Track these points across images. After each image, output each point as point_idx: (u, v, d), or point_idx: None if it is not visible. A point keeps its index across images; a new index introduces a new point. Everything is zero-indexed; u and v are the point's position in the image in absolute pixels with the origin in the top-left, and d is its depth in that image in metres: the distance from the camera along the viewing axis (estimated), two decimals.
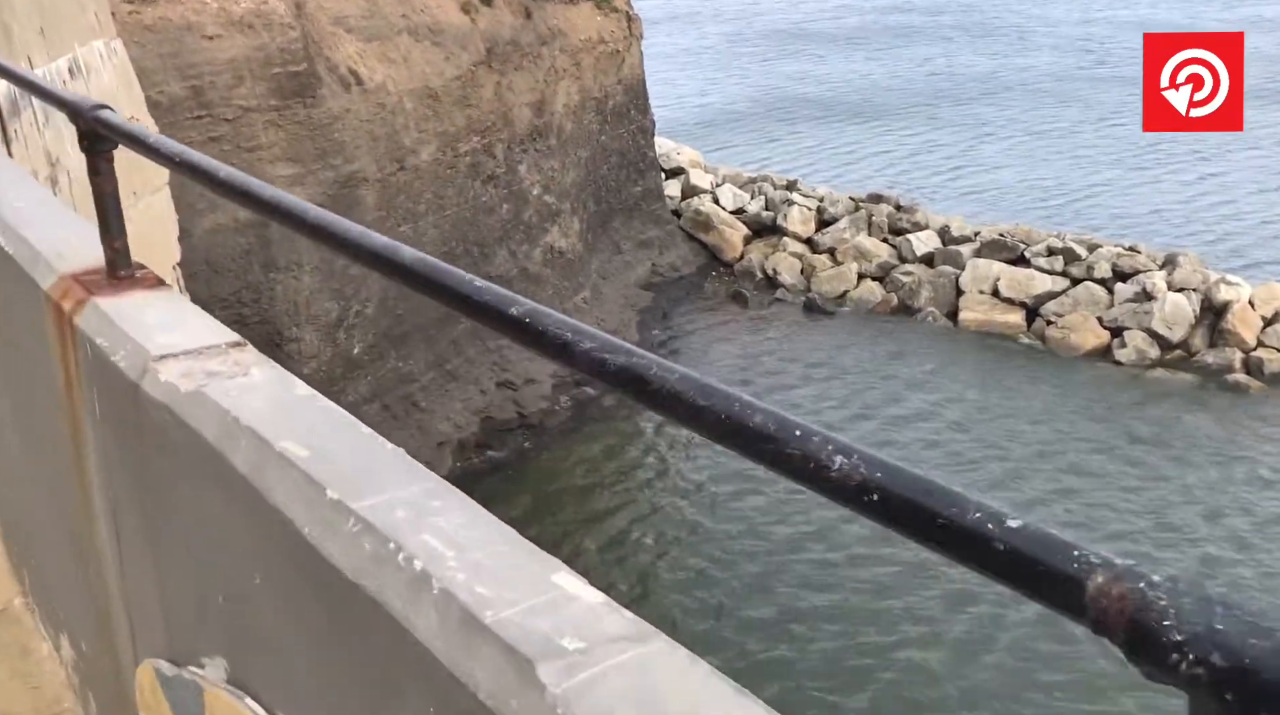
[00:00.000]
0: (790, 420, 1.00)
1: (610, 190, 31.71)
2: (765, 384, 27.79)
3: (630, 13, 32.10)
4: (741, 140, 49.04)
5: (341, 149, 21.03)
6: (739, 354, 29.58)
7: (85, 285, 2.37)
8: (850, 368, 28.71)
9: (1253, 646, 0.65)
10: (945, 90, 58.10)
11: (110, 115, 2.46)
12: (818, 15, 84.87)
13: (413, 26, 23.34)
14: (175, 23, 19.10)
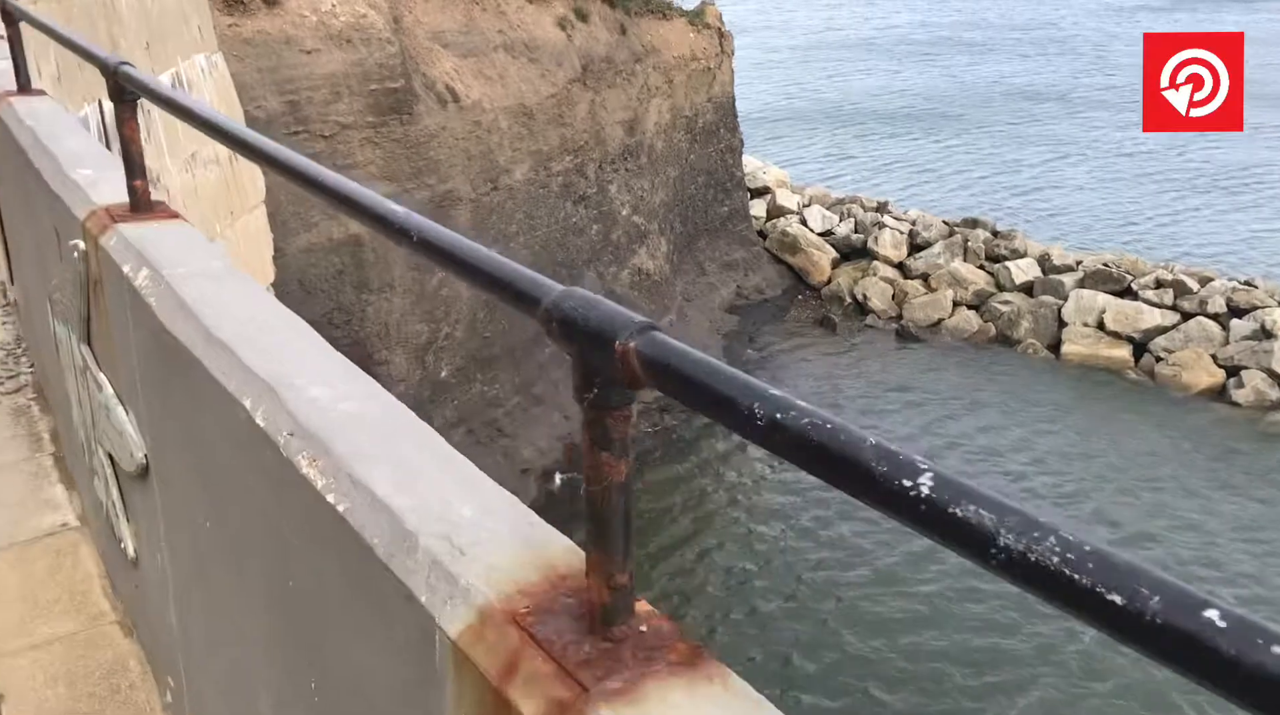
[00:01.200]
0: None
1: (697, 210, 30.97)
2: (854, 409, 26.81)
3: (722, 29, 31.37)
4: (813, 155, 48.17)
5: (437, 167, 20.52)
6: (827, 380, 28.60)
7: (112, 215, 2.74)
8: (944, 396, 27.61)
9: None
10: (1023, 108, 56.60)
11: (131, 70, 2.73)
12: (891, 30, 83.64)
13: (509, 43, 22.80)
14: (274, 36, 18.72)
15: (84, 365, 2.70)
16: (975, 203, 40.07)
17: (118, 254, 2.46)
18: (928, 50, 74.48)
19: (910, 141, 50.74)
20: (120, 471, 2.45)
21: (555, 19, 24.06)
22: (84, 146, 3.55)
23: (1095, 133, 50.09)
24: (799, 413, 0.95)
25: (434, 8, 21.69)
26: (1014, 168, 46.65)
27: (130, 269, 2.33)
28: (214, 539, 1.88)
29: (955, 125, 53.51)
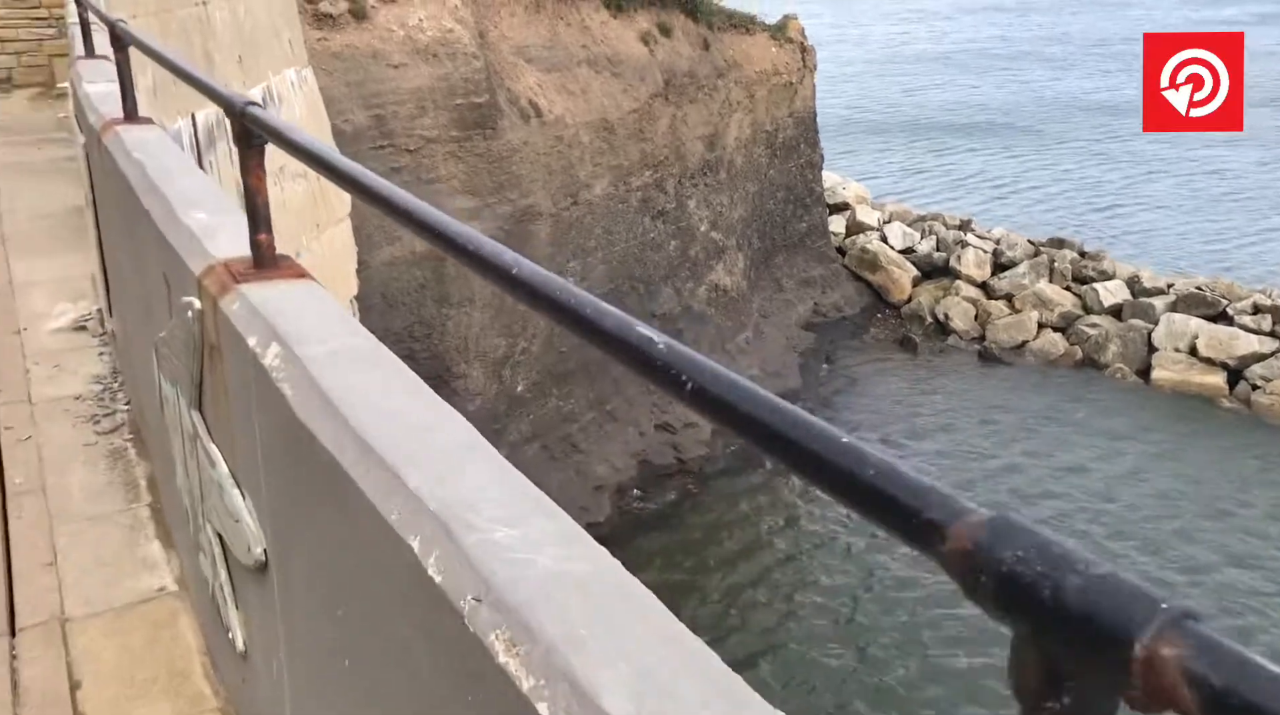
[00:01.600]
0: None
1: (775, 226, 30.59)
2: (933, 428, 26.23)
3: (804, 44, 30.99)
4: (888, 170, 47.46)
5: (518, 182, 20.46)
6: (907, 400, 27.97)
7: (233, 273, 2.48)
8: (1027, 419, 26.84)
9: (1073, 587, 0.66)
10: (1104, 124, 55.07)
11: (258, 112, 2.45)
12: (970, 44, 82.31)
13: (592, 58, 22.71)
14: (362, 50, 18.83)
15: (194, 432, 2.47)
16: (1055, 220, 39.14)
17: (241, 322, 2.20)
18: (1007, 64, 73.18)
19: (988, 157, 49.83)
20: (231, 557, 2.23)
21: (639, 34, 23.93)
22: (198, 187, 3.33)
23: (1178, 149, 48.57)
24: None
25: (519, 23, 21.68)
26: (1095, 185, 45.49)
27: (257, 342, 2.07)
28: (347, 669, 1.62)
29: (1035, 141, 52.40)
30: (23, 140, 8.23)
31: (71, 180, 6.41)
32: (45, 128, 8.74)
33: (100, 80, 5.43)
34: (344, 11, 18.73)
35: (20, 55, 9.75)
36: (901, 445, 25.51)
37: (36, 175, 7.14)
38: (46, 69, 9.93)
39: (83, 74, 5.82)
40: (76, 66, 6.25)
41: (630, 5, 23.91)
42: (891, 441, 25.69)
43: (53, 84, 9.88)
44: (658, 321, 24.71)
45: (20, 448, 3.72)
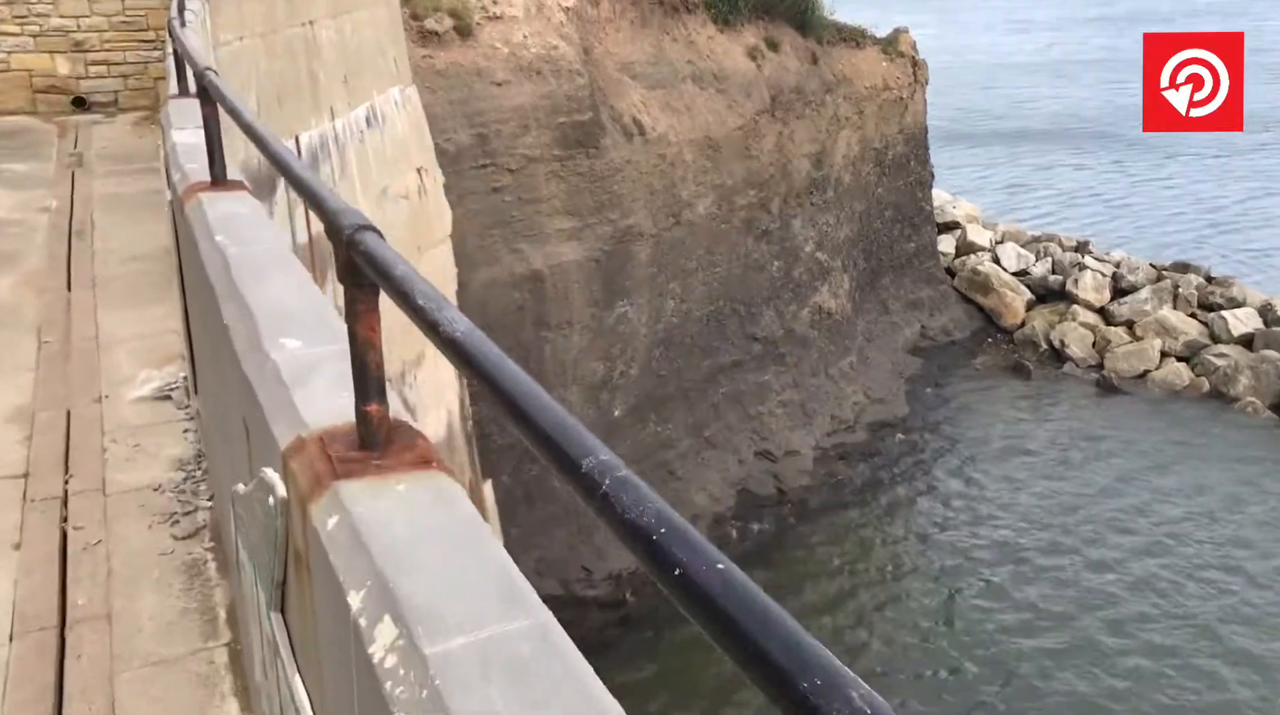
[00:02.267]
0: None
1: (882, 246, 29.57)
2: (1047, 458, 24.94)
3: (915, 58, 29.94)
4: (993, 185, 45.82)
5: (620, 202, 19.95)
6: (1019, 430, 26.66)
7: (333, 460, 1.82)
8: (1148, 453, 25.36)
9: None
10: (1223, 138, 52.27)
11: (372, 242, 1.83)
12: (1077, 55, 79.62)
13: (698, 74, 22.11)
14: (466, 68, 18.53)
15: (273, 641, 1.85)
16: (1168, 237, 37.29)
17: (338, 551, 1.57)
18: (1114, 74, 70.36)
19: (1098, 172, 47.74)
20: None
21: (746, 49, 23.26)
22: (294, 293, 2.71)
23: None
24: None
25: (624, 38, 21.20)
26: (1210, 202, 43.20)
27: (360, 605, 1.43)
28: None
29: (1149, 157, 49.94)
30: (123, 169, 7.93)
31: (167, 217, 6.09)
32: (146, 155, 8.41)
33: (190, 126, 4.88)
34: (449, 29, 18.46)
35: (127, 79, 9.55)
36: (1014, 478, 24.28)
37: (132, 209, 6.78)
38: (152, 92, 9.73)
39: (173, 118, 5.35)
40: (169, 107, 5.82)
41: (738, 19, 23.26)
42: (1004, 475, 24.48)
43: (158, 108, 9.64)
44: (758, 344, 23.97)
45: (88, 556, 3.24)
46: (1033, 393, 28.41)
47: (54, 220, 6.65)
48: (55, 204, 6.93)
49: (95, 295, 5.22)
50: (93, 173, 7.72)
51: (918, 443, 25.76)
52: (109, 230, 5.99)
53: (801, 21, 24.66)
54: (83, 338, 4.78)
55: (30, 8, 9.39)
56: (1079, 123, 57.06)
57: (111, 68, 9.65)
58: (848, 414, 25.47)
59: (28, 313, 5.26)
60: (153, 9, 9.48)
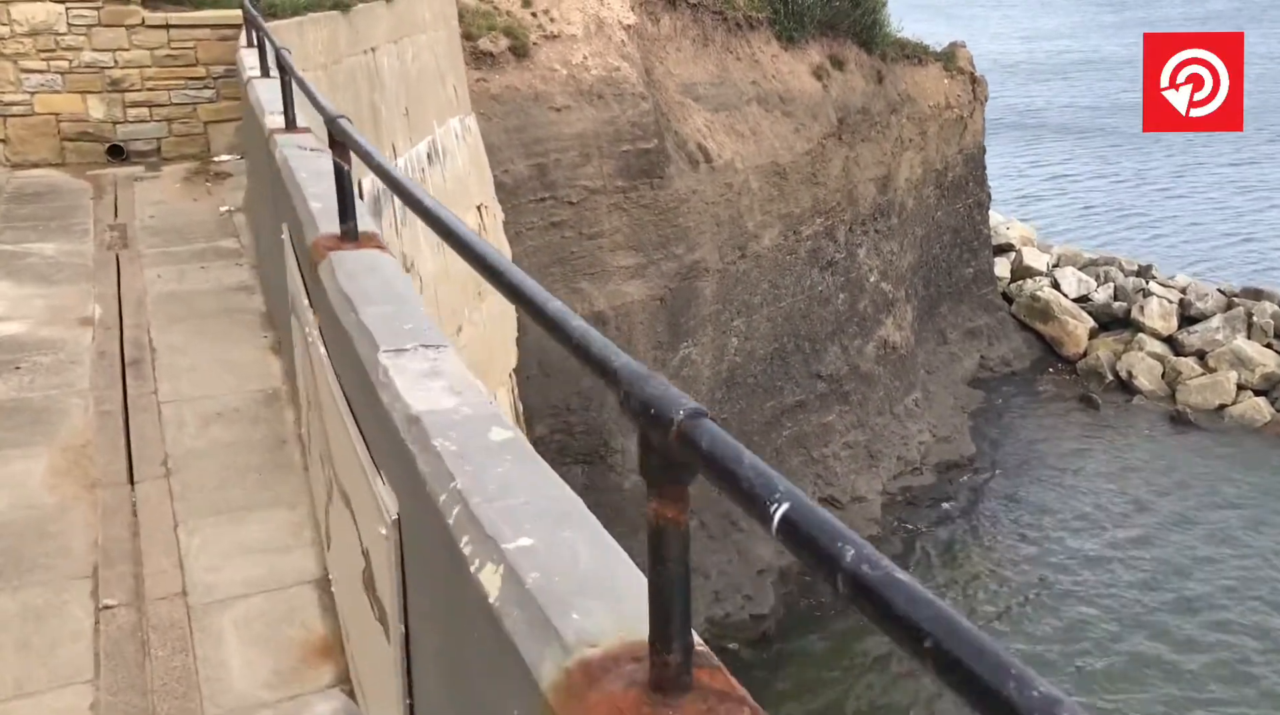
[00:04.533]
0: None
1: (940, 272, 28.01)
2: (1123, 502, 23.38)
3: (974, 74, 28.37)
4: (1050, 208, 44.15)
5: (685, 235, 18.42)
6: (1091, 469, 25.09)
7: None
8: (1227, 494, 23.80)
9: None
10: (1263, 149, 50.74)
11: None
12: (1089, 54, 77.92)
13: (762, 95, 20.58)
14: (523, 93, 17.01)
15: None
16: (1234, 260, 35.60)
17: None
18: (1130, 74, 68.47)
19: (1158, 194, 45.88)
20: None
21: (811, 68, 21.72)
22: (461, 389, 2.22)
23: None
24: None
25: (686, 58, 19.68)
26: (1264, 216, 41.57)
27: None
28: None
29: (1211, 177, 48.01)
30: (180, 252, 5.97)
31: (253, 333, 4.48)
32: (207, 227, 6.55)
33: (303, 149, 3.59)
34: (504, 49, 16.95)
35: (171, 123, 7.97)
36: (1089, 518, 22.69)
37: (203, 321, 4.98)
38: (202, 138, 8.18)
39: (296, 168, 3.93)
40: (278, 142, 4.39)
41: (802, 36, 21.72)
42: (1079, 518, 22.88)
43: (209, 157, 8.13)
44: (823, 382, 22.42)
45: None
46: (1102, 428, 26.81)
47: (99, 341, 4.78)
48: (99, 312, 5.11)
49: (171, 491, 3.57)
50: (141, 255, 5.94)
51: (987, 485, 24.17)
52: (175, 361, 4.35)
53: (867, 37, 23.12)
54: (161, 592, 3.13)
55: (59, 39, 7.78)
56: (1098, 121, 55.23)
57: (154, 110, 8.08)
58: (914, 455, 23.90)
59: (75, 538, 3.42)
60: (202, 40, 7.91)
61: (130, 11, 7.94)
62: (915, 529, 22.36)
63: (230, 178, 7.66)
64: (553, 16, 17.95)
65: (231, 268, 5.70)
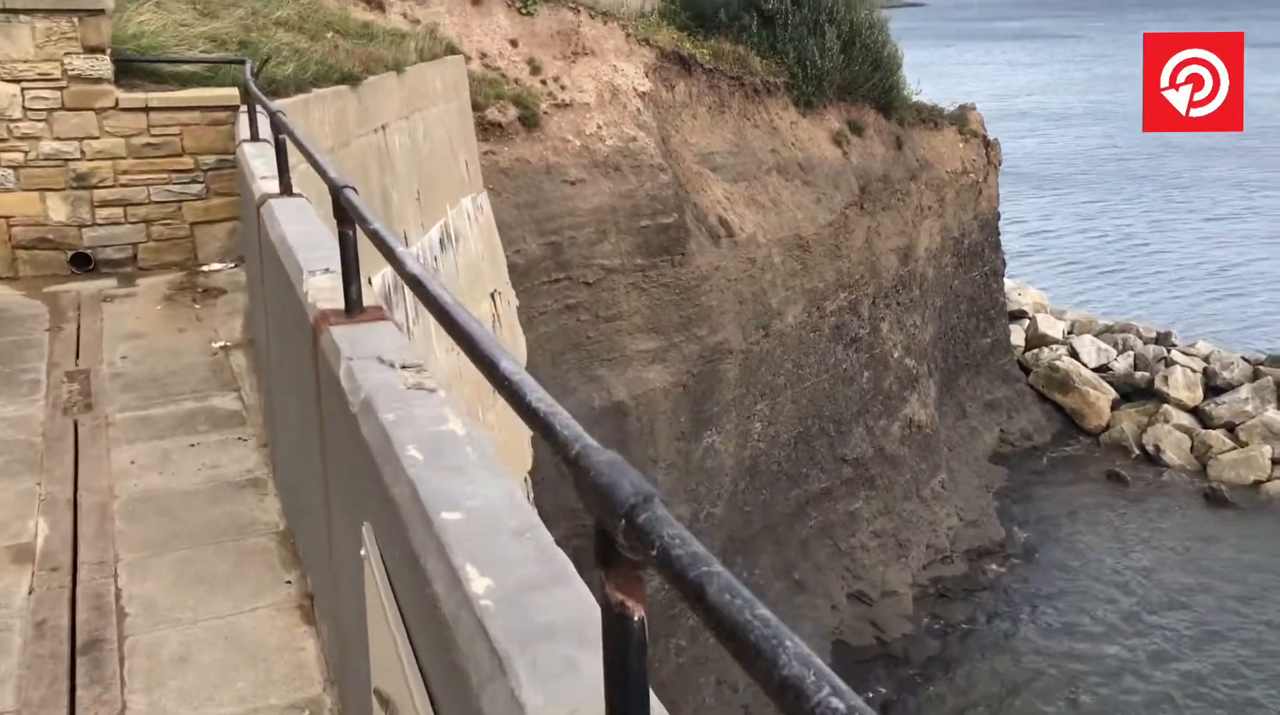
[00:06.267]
0: None
1: (957, 343, 26.73)
2: (1158, 589, 21.91)
3: (987, 137, 27.36)
4: (1056, 272, 43.21)
5: (708, 315, 17.01)
6: (1126, 551, 23.67)
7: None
8: (1268, 577, 22.34)
9: None
10: None
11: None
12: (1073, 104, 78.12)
13: (782, 163, 19.34)
14: (534, 165, 15.65)
15: None
16: (1221, 316, 34.67)
17: None
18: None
19: (1163, 257, 44.98)
20: None
21: (830, 134, 20.54)
22: None
23: None
24: None
25: (702, 126, 18.44)
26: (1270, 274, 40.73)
27: None
28: None
29: (1221, 237, 47.20)
30: (160, 418, 4.42)
31: (271, 574, 2.97)
32: (195, 373, 4.98)
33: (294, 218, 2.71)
34: (513, 119, 15.62)
35: (150, 225, 6.42)
36: (1131, 612, 21.20)
37: (197, 556, 3.40)
38: (187, 243, 6.64)
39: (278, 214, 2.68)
40: (271, 207, 3.06)
41: (820, 101, 20.56)
42: (1116, 604, 21.39)
43: (197, 266, 6.61)
44: (848, 467, 20.95)
45: None
46: (1134, 506, 25.42)
47: (38, 599, 3.11)
48: (44, 534, 3.46)
49: None
50: (109, 423, 4.41)
51: (1021, 574, 22.68)
52: (155, 642, 2.80)
53: (885, 101, 22.01)
54: None
55: (12, 127, 6.24)
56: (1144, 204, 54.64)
57: (130, 210, 6.56)
58: (943, 541, 22.40)
59: None
60: (189, 125, 6.43)
61: (101, 92, 6.47)
62: (950, 624, 20.78)
63: (224, 294, 6.14)
64: (563, 84, 16.67)
65: (232, 445, 4.18)
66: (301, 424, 2.87)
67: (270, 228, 3.38)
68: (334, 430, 2.26)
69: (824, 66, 20.12)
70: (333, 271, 2.93)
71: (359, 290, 2.60)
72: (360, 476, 1.90)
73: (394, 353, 2.25)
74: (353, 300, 2.59)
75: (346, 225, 2.89)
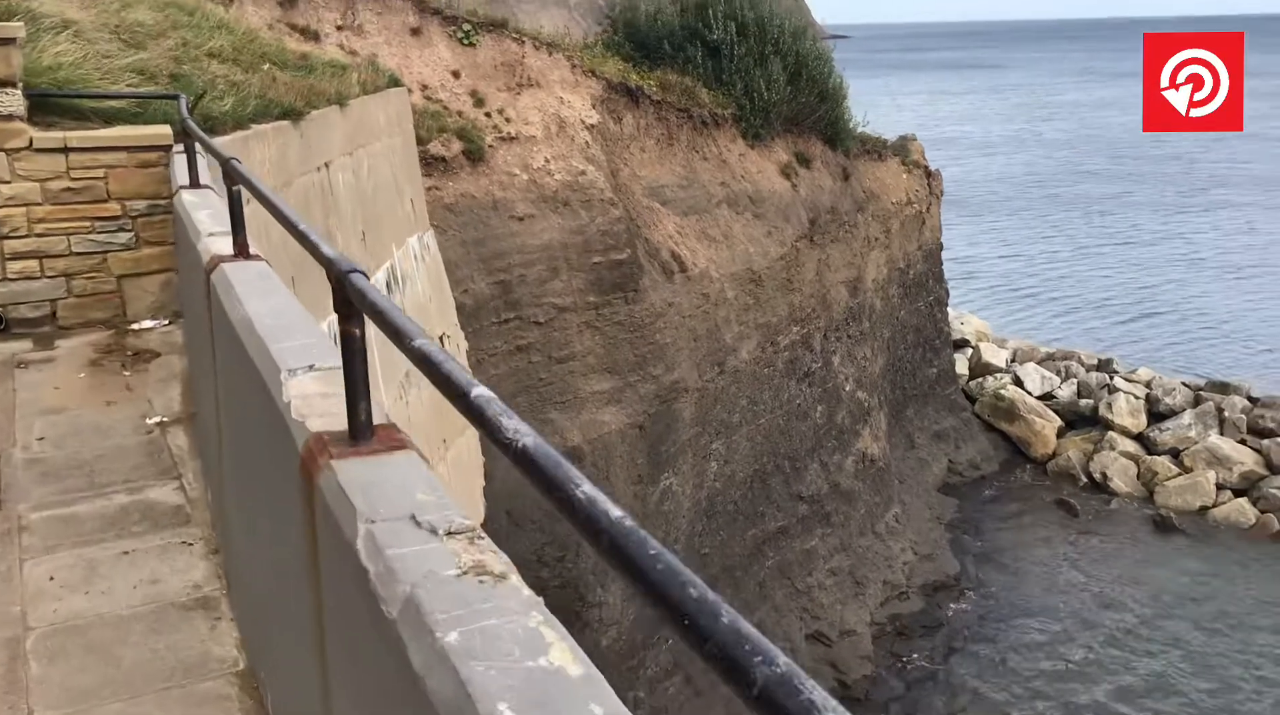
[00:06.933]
0: None
1: (905, 374, 26.56)
2: (1119, 618, 21.80)
3: (928, 167, 27.36)
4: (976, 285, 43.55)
5: (663, 353, 16.47)
6: (1078, 582, 23.52)
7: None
8: (1227, 610, 22.33)
9: None
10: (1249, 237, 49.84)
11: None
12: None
13: (732, 196, 18.96)
14: (480, 201, 15.02)
15: None
16: (1203, 355, 35.09)
17: None
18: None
19: (1088, 281, 45.65)
20: None
21: (779, 166, 20.23)
22: None
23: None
24: None
25: (651, 158, 17.98)
26: (1251, 316, 39.65)
27: None
28: None
29: (1142, 262, 48.09)
30: (85, 516, 3.65)
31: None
32: (127, 457, 4.17)
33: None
34: (458, 153, 14.99)
35: (71, 279, 5.61)
36: (1087, 644, 20.99)
37: (135, 704, 2.63)
38: (114, 299, 5.85)
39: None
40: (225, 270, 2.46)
41: (768, 133, 20.26)
42: (1074, 644, 21.16)
43: (126, 323, 5.83)
44: (804, 504, 20.51)
45: None
46: (1084, 535, 25.37)
47: None
48: None
49: None
50: (22, 523, 3.61)
51: (977, 608, 22.39)
52: None
53: (832, 133, 21.79)
54: None
55: None
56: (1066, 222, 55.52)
57: (47, 263, 5.75)
58: (900, 578, 22.03)
59: None
60: (115, 168, 5.65)
61: (12, 130, 5.68)
62: (909, 662, 20.37)
63: (157, 357, 5.37)
64: (508, 116, 16.10)
65: (174, 551, 3.45)
66: (278, 564, 2.23)
67: (228, 303, 2.75)
68: (346, 616, 1.64)
69: (771, 98, 19.82)
70: (321, 370, 2.30)
71: (369, 409, 1.98)
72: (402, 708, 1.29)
73: (432, 507, 1.65)
74: (361, 423, 1.97)
75: (353, 322, 2.20)
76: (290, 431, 2.03)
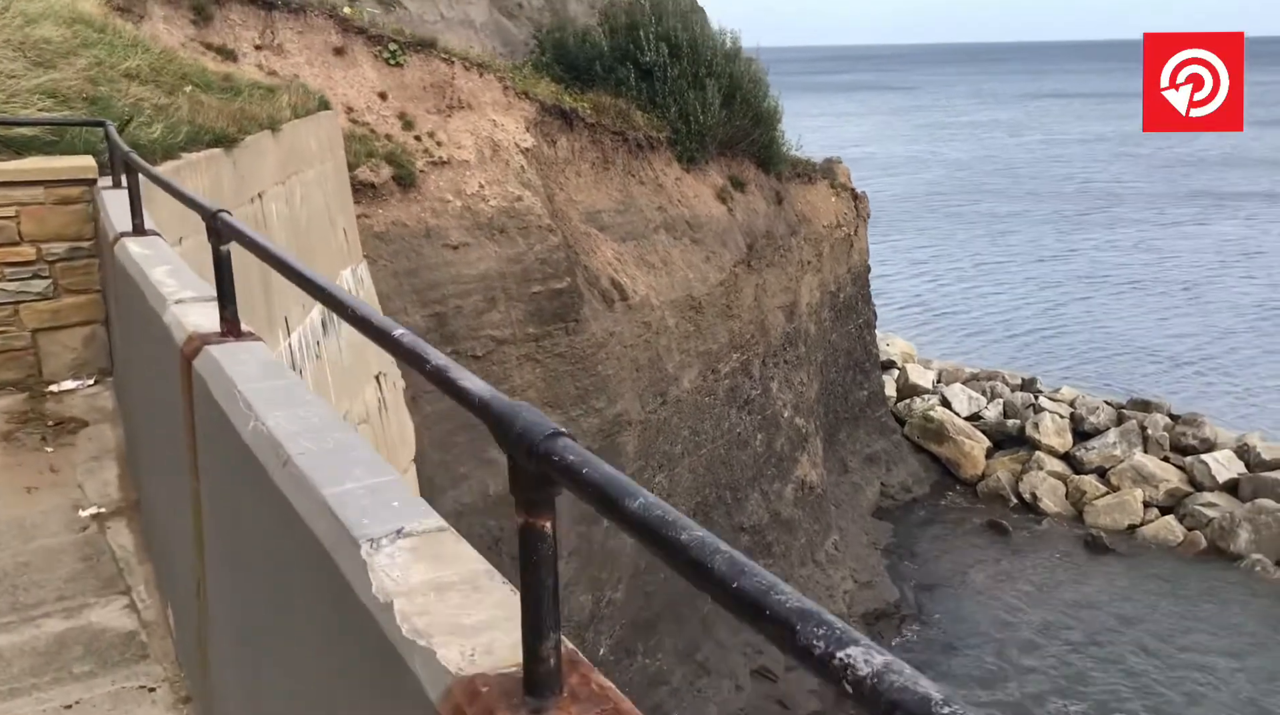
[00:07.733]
0: None
1: (837, 397, 26.37)
2: (1055, 641, 21.81)
3: (855, 190, 27.32)
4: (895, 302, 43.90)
5: (605, 385, 15.84)
6: (1013, 605, 23.47)
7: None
8: (1162, 629, 22.49)
9: None
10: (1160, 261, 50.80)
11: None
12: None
13: (669, 221, 18.46)
14: (412, 228, 14.23)
15: None
16: (1114, 372, 35.71)
17: None
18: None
19: (995, 298, 46.45)
20: None
21: (715, 190, 19.81)
22: None
23: (1260, 292, 44.73)
24: None
25: (587, 183, 17.38)
26: (1157, 331, 40.31)
27: None
28: None
29: (1046, 278, 49.02)
30: (6, 651, 2.82)
31: None
32: (57, 566, 3.33)
33: None
34: (388, 179, 14.18)
35: None
36: (1026, 667, 20.90)
37: None
38: (28, 357, 4.99)
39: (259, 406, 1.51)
40: None
41: (703, 157, 19.84)
42: (1016, 668, 21.06)
43: (43, 386, 4.97)
44: (746, 535, 20.01)
45: None
46: (1017, 557, 25.38)
47: None
48: None
49: None
50: None
51: (919, 636, 22.15)
52: None
53: (765, 157, 21.47)
54: None
55: None
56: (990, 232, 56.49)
57: None
58: (841, 607, 21.67)
59: None
60: (29, 206, 4.81)
61: None
62: None
63: (85, 427, 4.52)
64: (439, 140, 15.34)
65: (132, 700, 2.67)
66: None
67: (230, 408, 2.05)
68: None
69: (706, 122, 19.40)
70: (415, 535, 1.63)
71: None
72: None
73: None
74: (547, 668, 1.30)
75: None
76: (420, 679, 1.34)
